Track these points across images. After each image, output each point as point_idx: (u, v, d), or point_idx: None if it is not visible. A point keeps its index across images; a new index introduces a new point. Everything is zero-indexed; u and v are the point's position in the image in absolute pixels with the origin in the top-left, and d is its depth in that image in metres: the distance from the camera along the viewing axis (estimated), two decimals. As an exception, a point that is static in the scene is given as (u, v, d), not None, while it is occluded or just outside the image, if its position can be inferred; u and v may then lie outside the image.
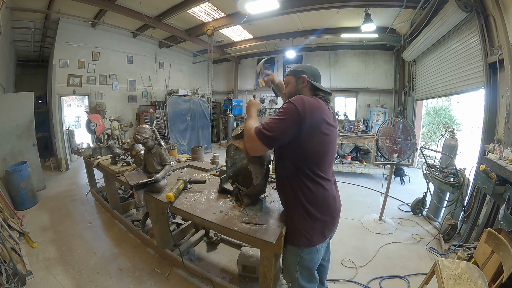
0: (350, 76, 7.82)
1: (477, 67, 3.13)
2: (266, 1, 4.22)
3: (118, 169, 2.55)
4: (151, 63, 7.79)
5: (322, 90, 1.24)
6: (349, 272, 2.19)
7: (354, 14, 5.22)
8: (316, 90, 1.24)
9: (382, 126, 2.97)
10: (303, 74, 1.25)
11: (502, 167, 2.02)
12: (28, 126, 3.93)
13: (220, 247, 2.53)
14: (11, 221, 2.59)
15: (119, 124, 3.44)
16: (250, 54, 9.29)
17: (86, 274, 2.10)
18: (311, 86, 1.25)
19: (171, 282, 2.04)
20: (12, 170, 3.31)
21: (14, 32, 5.38)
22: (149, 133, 2.02)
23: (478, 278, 1.43)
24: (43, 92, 6.67)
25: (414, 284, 2.02)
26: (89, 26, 6.00)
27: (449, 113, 7.95)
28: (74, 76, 5.87)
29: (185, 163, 2.75)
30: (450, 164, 2.78)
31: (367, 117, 7.39)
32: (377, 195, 4.00)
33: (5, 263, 1.79)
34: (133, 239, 2.65)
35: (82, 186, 4.38)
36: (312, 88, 1.25)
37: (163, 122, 6.93)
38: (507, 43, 2.50)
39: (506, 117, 2.51)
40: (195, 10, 5.43)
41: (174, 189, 1.78)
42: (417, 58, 5.31)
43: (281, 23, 6.10)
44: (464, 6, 3.06)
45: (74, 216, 3.21)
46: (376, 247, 2.58)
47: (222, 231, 1.48)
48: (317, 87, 1.24)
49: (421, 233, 2.88)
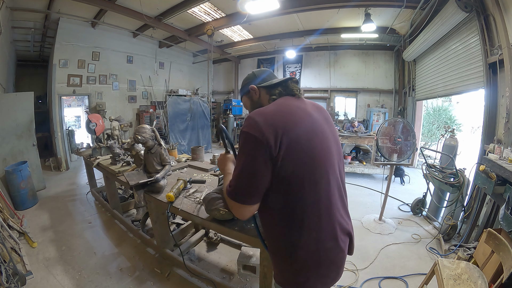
0: (350, 76, 7.82)
1: (477, 67, 3.13)
2: (266, 1, 4.22)
3: (118, 169, 2.54)
4: (151, 63, 7.78)
5: (277, 85, 0.99)
6: (350, 275, 2.19)
7: (354, 14, 5.21)
8: (272, 89, 0.99)
9: (382, 126, 2.97)
10: (250, 85, 1.03)
11: (502, 167, 2.02)
12: (28, 126, 3.93)
13: (220, 247, 2.53)
14: (11, 221, 2.59)
15: (119, 124, 3.44)
16: (250, 54, 9.29)
17: (86, 274, 2.10)
18: (266, 90, 1.01)
19: (171, 282, 2.04)
20: (12, 170, 3.31)
21: (14, 32, 5.38)
22: (149, 133, 2.02)
23: (478, 278, 1.43)
24: (43, 92, 6.68)
25: (414, 284, 2.01)
26: (89, 26, 6.00)
27: (449, 113, 7.96)
28: (74, 76, 5.86)
29: (185, 163, 2.75)
30: (450, 164, 2.78)
31: (367, 117, 7.39)
32: (377, 195, 4.00)
33: (5, 263, 1.79)
34: (133, 239, 2.65)
35: (82, 186, 4.38)
36: (268, 90, 1.01)
37: (163, 122, 6.94)
38: (507, 43, 2.50)
39: (506, 117, 2.51)
40: (195, 10, 5.43)
41: (174, 189, 1.78)
42: (417, 58, 5.30)
43: (281, 23, 6.09)
44: (464, 6, 3.06)
45: (74, 216, 3.21)
46: (376, 248, 2.58)
47: (222, 231, 1.48)
48: (271, 85, 1.00)
49: (421, 233, 2.88)
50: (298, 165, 0.80)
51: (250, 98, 1.06)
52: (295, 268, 0.86)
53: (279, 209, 0.85)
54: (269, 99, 0.98)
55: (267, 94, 1.01)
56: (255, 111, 0.85)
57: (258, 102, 1.03)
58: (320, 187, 0.85)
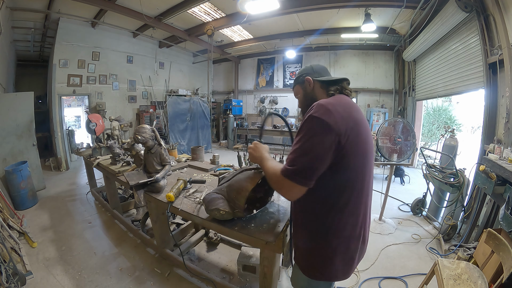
0: (350, 76, 7.62)
1: (477, 67, 3.13)
2: (266, 1, 4.22)
3: (118, 169, 2.54)
4: (151, 63, 7.78)
5: (334, 81, 1.04)
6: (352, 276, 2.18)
7: (354, 14, 5.22)
8: (329, 85, 1.04)
9: (382, 126, 2.97)
10: (306, 76, 1.08)
11: (502, 167, 2.02)
12: (28, 126, 3.93)
13: (220, 247, 2.53)
14: (11, 221, 2.59)
15: (119, 124, 3.44)
16: (250, 54, 9.29)
17: (86, 274, 2.10)
18: (321, 84, 1.05)
19: (171, 282, 2.04)
20: (12, 170, 3.31)
21: (14, 32, 5.38)
22: (149, 133, 2.02)
23: (478, 278, 1.43)
24: (43, 92, 6.68)
25: (414, 284, 2.01)
26: (89, 26, 6.00)
27: (449, 113, 7.96)
28: (74, 76, 5.86)
29: (185, 163, 2.75)
30: (450, 164, 2.78)
31: (367, 117, 7.39)
32: (377, 195, 3.98)
33: (5, 263, 1.79)
34: (133, 239, 2.65)
35: (82, 186, 4.38)
36: (323, 85, 1.05)
37: (163, 122, 6.93)
38: (507, 43, 2.50)
39: (506, 117, 2.51)
40: (195, 10, 5.43)
41: (174, 189, 1.78)
42: (417, 58, 5.30)
43: (281, 23, 6.10)
44: (464, 6, 3.06)
45: (74, 216, 3.21)
46: (376, 248, 2.58)
47: (222, 231, 1.48)
48: (328, 81, 1.04)
49: (421, 233, 2.88)
50: (356, 157, 0.89)
51: (304, 88, 1.10)
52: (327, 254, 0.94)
53: (328, 193, 0.91)
54: (327, 94, 1.02)
55: (323, 89, 1.05)
56: (325, 101, 0.89)
57: (311, 93, 1.08)
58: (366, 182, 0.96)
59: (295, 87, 1.15)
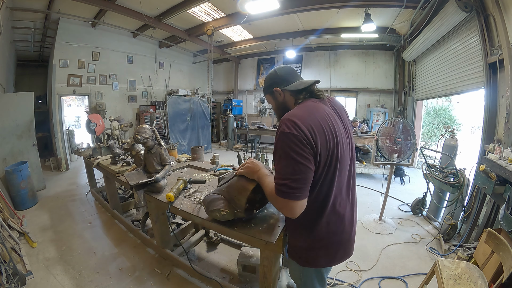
0: (350, 76, 7.83)
1: (477, 67, 3.13)
2: (266, 1, 4.22)
3: (118, 169, 2.54)
4: (151, 63, 7.79)
5: (303, 90, 1.06)
6: (352, 275, 2.19)
7: (354, 14, 5.22)
8: (298, 94, 1.06)
9: (382, 126, 2.97)
10: (274, 87, 1.09)
11: (502, 167, 2.02)
12: (28, 126, 3.93)
13: (220, 247, 2.53)
14: (11, 221, 2.59)
15: (119, 124, 3.44)
16: (250, 54, 9.29)
17: (86, 274, 2.10)
18: (290, 92, 1.08)
19: (171, 282, 2.04)
20: (12, 170, 3.31)
21: (14, 32, 5.38)
22: (149, 133, 2.02)
23: (478, 278, 1.43)
24: (43, 92, 6.68)
25: (414, 284, 2.01)
26: (89, 26, 6.00)
27: (449, 113, 7.95)
28: (74, 76, 5.87)
29: (185, 163, 2.75)
30: (450, 164, 2.78)
31: (367, 117, 7.39)
32: (377, 195, 4.00)
33: (5, 263, 1.79)
34: (133, 239, 2.65)
35: (82, 186, 4.38)
36: (292, 93, 1.07)
37: (163, 122, 6.93)
38: (507, 43, 2.50)
39: (506, 117, 2.51)
40: (195, 10, 5.43)
41: (174, 189, 1.77)
42: (417, 58, 5.30)
43: (281, 23, 6.10)
44: (464, 6, 3.06)
45: (74, 216, 3.21)
46: (376, 248, 2.58)
47: (222, 231, 1.47)
48: (296, 89, 1.06)
49: (421, 233, 2.88)
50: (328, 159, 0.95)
51: (275, 98, 1.13)
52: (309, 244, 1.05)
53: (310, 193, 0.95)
54: (295, 102, 1.06)
55: (292, 97, 1.08)
56: (290, 114, 0.93)
57: (283, 102, 1.11)
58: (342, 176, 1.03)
59: (266, 96, 1.18)
